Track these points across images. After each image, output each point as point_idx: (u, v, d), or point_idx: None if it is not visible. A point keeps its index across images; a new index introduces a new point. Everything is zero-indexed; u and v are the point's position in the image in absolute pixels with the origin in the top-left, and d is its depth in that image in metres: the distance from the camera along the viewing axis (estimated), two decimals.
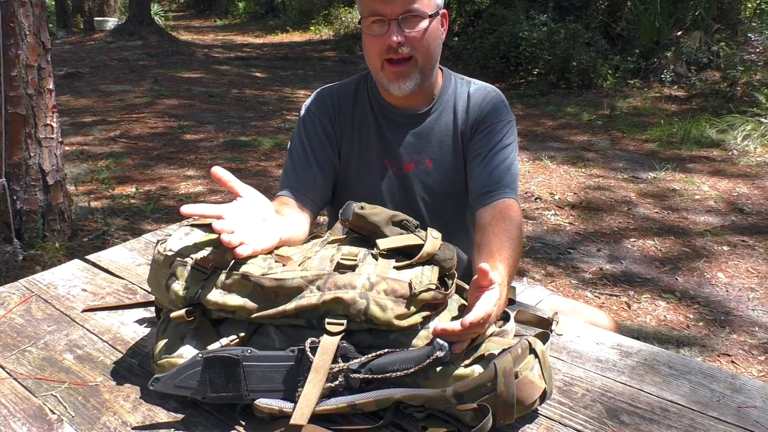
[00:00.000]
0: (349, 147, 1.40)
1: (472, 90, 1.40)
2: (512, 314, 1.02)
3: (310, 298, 0.86)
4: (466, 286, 0.98)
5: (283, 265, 0.92)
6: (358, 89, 1.42)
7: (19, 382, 0.94)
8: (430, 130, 1.38)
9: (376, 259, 0.91)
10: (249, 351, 0.84)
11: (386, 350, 0.85)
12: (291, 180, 1.34)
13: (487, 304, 0.86)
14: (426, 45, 1.27)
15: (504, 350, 0.85)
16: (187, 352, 0.89)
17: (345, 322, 0.85)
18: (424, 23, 1.26)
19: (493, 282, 0.89)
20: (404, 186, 1.39)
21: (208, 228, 1.00)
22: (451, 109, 1.39)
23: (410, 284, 0.86)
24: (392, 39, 1.23)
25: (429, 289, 0.86)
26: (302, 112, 1.43)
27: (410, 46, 1.25)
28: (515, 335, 1.01)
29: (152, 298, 1.04)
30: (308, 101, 1.44)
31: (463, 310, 0.93)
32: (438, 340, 0.83)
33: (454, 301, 0.93)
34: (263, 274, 0.89)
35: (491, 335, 0.94)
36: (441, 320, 0.88)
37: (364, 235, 0.98)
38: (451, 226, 1.39)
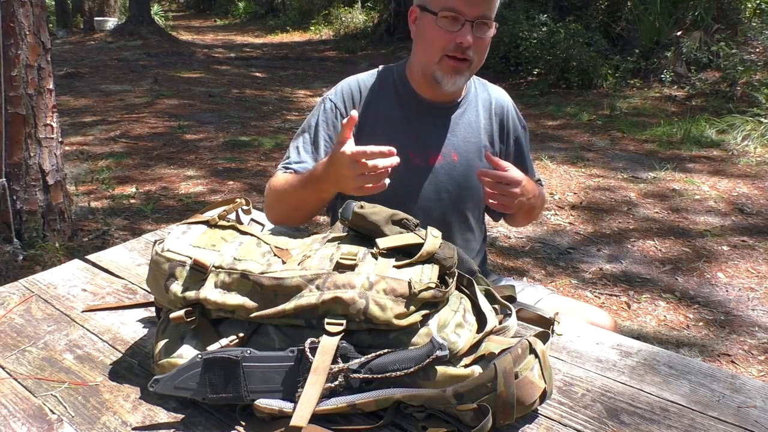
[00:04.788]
0: (369, 139, 1.40)
1: (492, 94, 1.51)
2: (514, 311, 1.02)
3: (309, 297, 0.86)
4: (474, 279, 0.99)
5: (283, 262, 0.92)
6: (383, 81, 1.45)
7: (19, 382, 0.94)
8: (456, 125, 1.44)
9: (376, 258, 0.91)
10: (248, 352, 0.84)
11: (386, 350, 0.85)
12: (299, 162, 1.39)
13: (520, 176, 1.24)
14: (484, 52, 1.34)
15: (504, 350, 0.85)
16: (186, 353, 0.89)
17: (344, 322, 0.85)
18: (491, 31, 1.32)
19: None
20: (430, 178, 1.41)
21: (204, 226, 1.00)
22: (474, 106, 1.47)
23: (410, 283, 0.86)
24: (467, 39, 1.27)
25: (429, 288, 0.86)
26: (324, 100, 1.44)
27: (475, 51, 1.30)
28: (515, 334, 1.01)
29: (152, 298, 1.04)
30: (332, 91, 1.45)
31: (462, 306, 0.93)
32: (437, 338, 0.83)
33: (455, 297, 0.93)
34: (262, 273, 0.89)
35: (492, 333, 0.94)
36: (441, 317, 0.88)
37: (363, 233, 0.98)
38: (469, 217, 1.48)
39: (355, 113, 1.14)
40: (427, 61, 1.34)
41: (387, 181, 1.14)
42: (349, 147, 1.11)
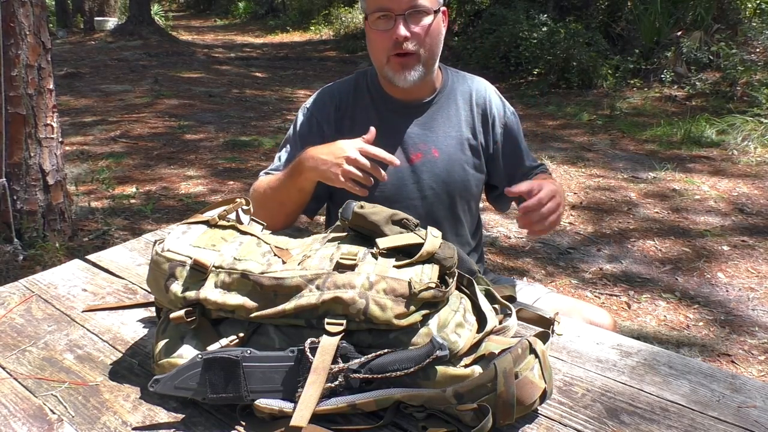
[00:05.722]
0: None
1: (472, 85, 1.48)
2: (514, 311, 1.02)
3: (309, 297, 0.86)
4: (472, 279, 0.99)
5: (283, 262, 0.92)
6: (358, 86, 1.45)
7: (19, 382, 0.94)
8: (434, 121, 1.43)
9: (376, 258, 0.90)
10: (249, 352, 0.84)
11: (386, 350, 0.85)
12: (278, 170, 1.42)
13: (546, 185, 1.19)
14: (430, 41, 1.31)
15: (504, 350, 0.85)
16: (187, 353, 0.89)
17: (344, 322, 0.85)
18: (429, 19, 1.30)
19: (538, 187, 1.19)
20: (412, 177, 1.41)
21: (204, 226, 1.00)
22: (453, 99, 1.45)
23: (410, 283, 0.86)
24: (399, 33, 1.26)
25: (429, 288, 0.86)
26: (301, 111, 1.46)
27: (415, 42, 1.29)
28: (515, 334, 1.01)
29: (152, 298, 1.04)
30: (308, 101, 1.47)
31: (462, 306, 0.93)
32: (437, 338, 0.83)
33: (455, 297, 0.93)
34: (262, 273, 0.89)
35: (492, 333, 0.94)
36: (441, 317, 0.88)
37: (364, 233, 0.98)
38: (458, 212, 1.47)
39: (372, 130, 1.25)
40: (378, 66, 1.36)
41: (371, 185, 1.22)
42: (360, 140, 1.23)
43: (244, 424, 0.84)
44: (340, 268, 0.88)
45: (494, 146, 1.48)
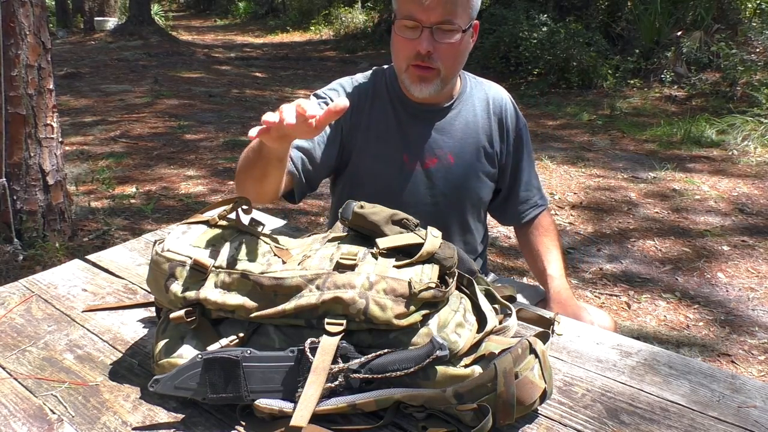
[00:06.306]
0: (364, 143, 1.40)
1: (489, 92, 1.47)
2: (514, 311, 1.02)
3: (309, 297, 0.86)
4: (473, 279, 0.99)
5: (283, 262, 0.92)
6: (377, 84, 1.43)
7: (19, 382, 0.94)
8: (451, 126, 1.41)
9: (376, 258, 0.90)
10: (249, 352, 0.84)
11: (386, 350, 0.85)
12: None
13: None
14: (453, 59, 1.29)
15: (504, 350, 0.85)
16: (187, 353, 0.89)
17: (344, 322, 0.85)
18: (457, 36, 1.27)
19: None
20: (426, 181, 1.40)
21: (204, 226, 1.00)
22: (470, 106, 1.44)
23: (410, 283, 0.86)
24: (422, 46, 1.24)
25: (429, 288, 0.86)
26: (314, 96, 1.39)
27: (438, 59, 1.27)
28: (515, 334, 1.01)
29: (152, 298, 1.04)
30: (324, 88, 1.42)
31: (462, 306, 0.93)
32: (437, 338, 0.83)
33: (455, 297, 0.93)
34: (262, 273, 0.89)
35: (492, 333, 0.94)
36: (441, 317, 0.88)
37: (364, 233, 0.98)
38: (468, 219, 1.46)
39: (345, 101, 0.98)
40: (398, 71, 1.34)
41: (272, 118, 0.90)
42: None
43: (244, 424, 0.84)
44: (340, 268, 0.88)
45: (506, 156, 1.47)
